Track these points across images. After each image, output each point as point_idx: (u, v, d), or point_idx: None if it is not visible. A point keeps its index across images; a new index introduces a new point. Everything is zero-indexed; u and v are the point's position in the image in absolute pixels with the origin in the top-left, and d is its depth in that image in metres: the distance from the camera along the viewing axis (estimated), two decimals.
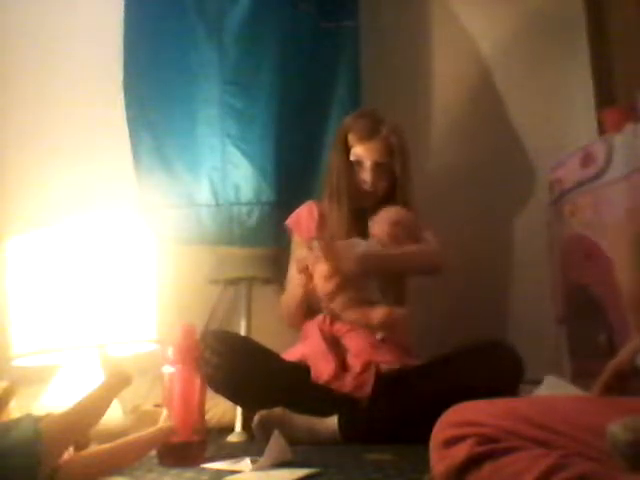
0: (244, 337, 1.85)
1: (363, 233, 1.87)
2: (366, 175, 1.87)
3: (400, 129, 1.90)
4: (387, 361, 1.80)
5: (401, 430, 1.67)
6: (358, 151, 1.88)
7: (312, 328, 1.88)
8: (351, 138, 1.88)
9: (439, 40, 2.55)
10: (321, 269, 1.71)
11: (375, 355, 1.80)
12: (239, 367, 1.74)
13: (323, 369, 1.78)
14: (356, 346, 1.81)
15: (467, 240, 2.35)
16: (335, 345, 1.83)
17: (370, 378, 1.76)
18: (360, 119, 1.90)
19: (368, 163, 1.87)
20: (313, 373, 1.79)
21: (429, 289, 2.07)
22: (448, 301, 2.22)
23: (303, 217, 1.96)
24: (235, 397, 1.82)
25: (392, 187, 1.91)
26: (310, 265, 1.73)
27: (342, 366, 1.79)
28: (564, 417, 0.84)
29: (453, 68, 2.54)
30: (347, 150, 1.89)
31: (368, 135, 1.86)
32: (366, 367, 1.77)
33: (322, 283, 1.73)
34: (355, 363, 1.79)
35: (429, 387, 1.71)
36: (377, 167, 1.87)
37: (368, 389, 1.75)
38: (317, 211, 1.95)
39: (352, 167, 1.89)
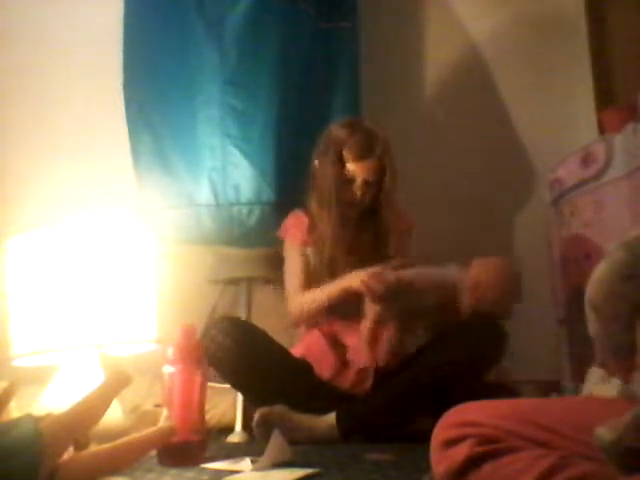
0: (257, 326, 1.86)
1: (350, 239, 1.91)
2: (356, 190, 1.88)
3: (390, 143, 1.91)
4: (386, 357, 1.81)
5: (398, 421, 1.71)
6: (352, 168, 1.87)
7: (311, 327, 1.88)
8: (346, 154, 1.87)
9: (437, 40, 2.55)
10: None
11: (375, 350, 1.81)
12: (251, 351, 1.75)
13: (324, 367, 1.80)
14: (356, 342, 1.82)
15: (467, 240, 2.35)
16: (334, 342, 1.85)
17: (370, 373, 1.79)
18: (355, 135, 1.88)
19: (359, 180, 1.88)
20: (315, 370, 1.81)
21: None
22: None
23: (293, 225, 1.97)
24: (241, 381, 1.81)
25: (377, 201, 1.93)
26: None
27: (342, 363, 1.82)
28: (564, 418, 0.84)
29: (451, 68, 2.54)
30: (341, 163, 1.88)
31: (363, 154, 1.86)
32: (366, 362, 1.79)
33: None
34: (355, 359, 1.81)
35: (421, 373, 1.74)
36: (367, 184, 1.89)
37: (368, 384, 1.79)
38: (306, 218, 1.96)
39: (346, 179, 1.89)
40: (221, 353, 1.72)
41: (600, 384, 1.33)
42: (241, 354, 1.73)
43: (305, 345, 1.88)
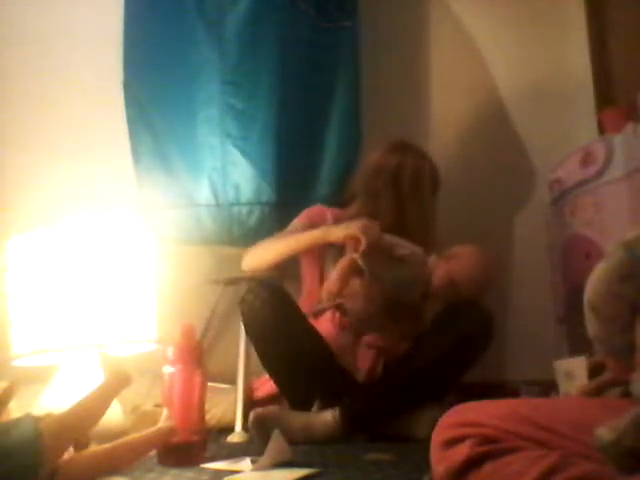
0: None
1: None
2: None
3: None
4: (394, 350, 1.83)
5: (400, 411, 1.71)
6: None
7: (320, 322, 1.87)
8: (418, 183, 1.95)
9: (438, 40, 2.55)
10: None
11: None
12: (285, 316, 1.76)
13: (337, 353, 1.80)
14: (367, 337, 1.83)
15: (467, 240, 2.35)
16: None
17: (379, 367, 1.81)
18: (428, 166, 2.00)
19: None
20: None
21: None
22: None
23: (313, 213, 1.97)
24: (271, 347, 1.79)
25: None
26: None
27: (354, 358, 1.82)
28: (564, 418, 0.84)
29: (452, 68, 2.54)
30: (413, 188, 1.95)
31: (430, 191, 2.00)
32: (376, 357, 1.81)
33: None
34: (366, 353, 1.82)
35: (416, 362, 1.74)
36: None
37: (377, 374, 1.80)
38: (330, 214, 1.96)
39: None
40: (257, 304, 1.73)
41: (568, 381, 1.34)
42: (275, 312, 1.74)
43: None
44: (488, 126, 2.50)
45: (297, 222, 1.96)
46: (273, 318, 1.74)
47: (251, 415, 1.66)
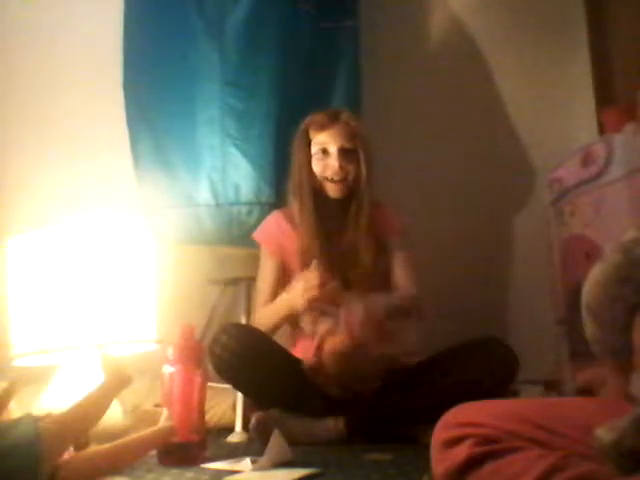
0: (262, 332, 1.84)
1: (329, 231, 1.88)
2: (333, 161, 1.86)
3: (359, 119, 1.93)
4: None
5: (403, 427, 1.69)
6: (322, 138, 1.87)
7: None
8: (312, 130, 1.88)
9: (438, 40, 2.55)
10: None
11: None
12: (260, 356, 1.73)
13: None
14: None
15: (467, 240, 2.35)
16: None
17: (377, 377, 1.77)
18: (318, 113, 1.92)
19: (334, 149, 1.86)
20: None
21: (429, 290, 2.07)
22: (448, 301, 2.22)
23: (272, 230, 1.95)
24: (251, 386, 1.79)
25: (357, 183, 1.89)
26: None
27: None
28: (564, 418, 0.84)
29: (453, 68, 2.54)
30: (308, 145, 1.89)
31: (329, 121, 1.88)
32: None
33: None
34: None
35: (428, 385, 1.72)
36: (343, 152, 1.86)
37: (374, 385, 1.76)
38: (285, 222, 1.93)
39: (320, 156, 1.88)
40: (225, 355, 1.70)
41: None
42: (252, 359, 1.71)
43: (300, 351, 1.86)
44: (488, 127, 2.51)
45: (266, 259, 1.93)
46: (246, 365, 1.71)
47: (253, 419, 1.66)
